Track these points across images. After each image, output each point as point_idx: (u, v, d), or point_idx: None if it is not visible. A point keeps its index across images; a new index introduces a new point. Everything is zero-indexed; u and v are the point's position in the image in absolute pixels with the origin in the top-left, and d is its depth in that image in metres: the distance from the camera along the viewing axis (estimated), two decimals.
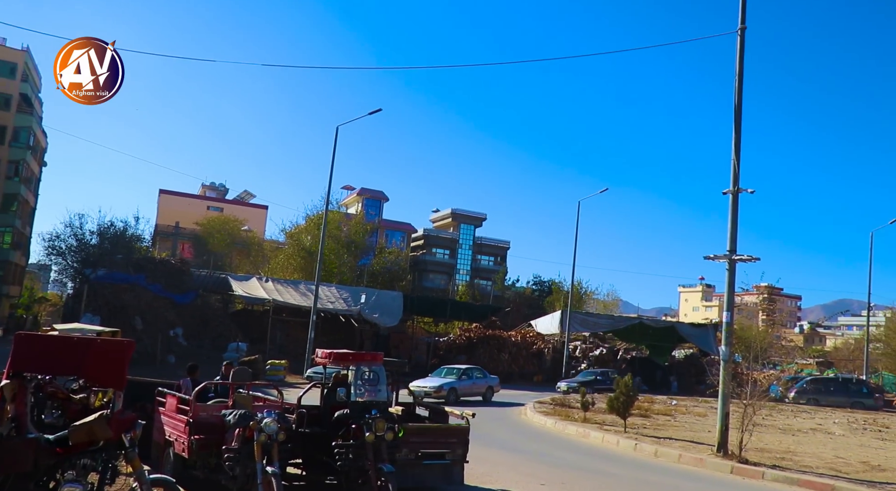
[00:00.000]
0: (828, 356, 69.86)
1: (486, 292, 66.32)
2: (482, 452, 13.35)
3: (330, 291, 39.29)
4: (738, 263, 15.68)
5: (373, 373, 9.63)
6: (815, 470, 14.10)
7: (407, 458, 9.61)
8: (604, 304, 65.81)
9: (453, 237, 74.35)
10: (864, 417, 32.69)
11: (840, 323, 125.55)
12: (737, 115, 16.01)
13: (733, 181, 15.71)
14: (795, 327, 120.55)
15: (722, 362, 15.67)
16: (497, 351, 41.23)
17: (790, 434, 21.66)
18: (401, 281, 54.91)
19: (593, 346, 47.81)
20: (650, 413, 24.27)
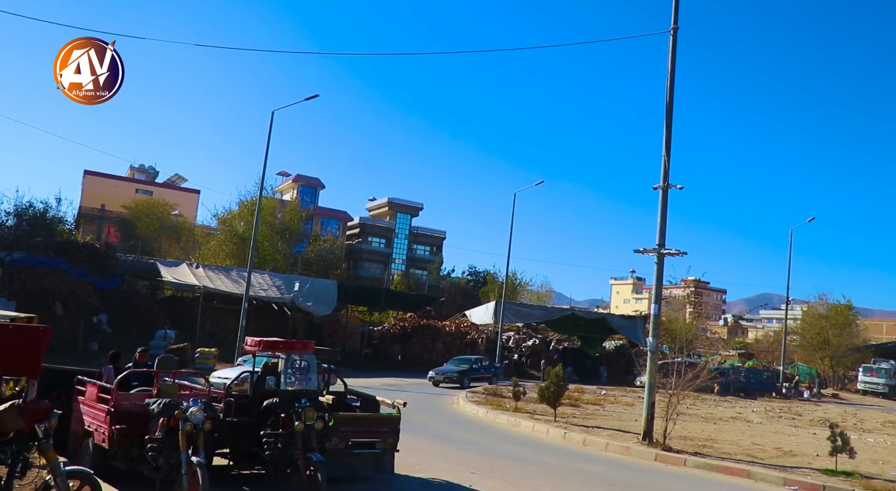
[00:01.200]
0: (749, 348, 72.58)
1: (422, 282, 66.37)
2: (413, 442, 13.36)
3: (263, 279, 38.59)
4: (666, 257, 16.11)
5: (303, 362, 9.50)
6: (734, 456, 14.68)
7: (337, 447, 9.54)
8: (537, 295, 66.70)
9: (389, 226, 74.03)
10: (780, 405, 34.23)
11: (761, 316, 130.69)
12: (668, 113, 16.39)
13: (663, 177, 16.10)
14: (720, 320, 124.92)
15: (649, 353, 16.10)
16: (431, 341, 41.35)
17: (712, 423, 22.46)
18: (336, 269, 54.36)
19: (526, 336, 48.47)
20: (580, 403, 24.76)
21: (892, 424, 27.61)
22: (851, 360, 58.37)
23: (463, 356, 35.38)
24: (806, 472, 13.35)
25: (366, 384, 22.90)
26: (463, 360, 33.49)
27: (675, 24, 16.68)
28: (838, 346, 57.76)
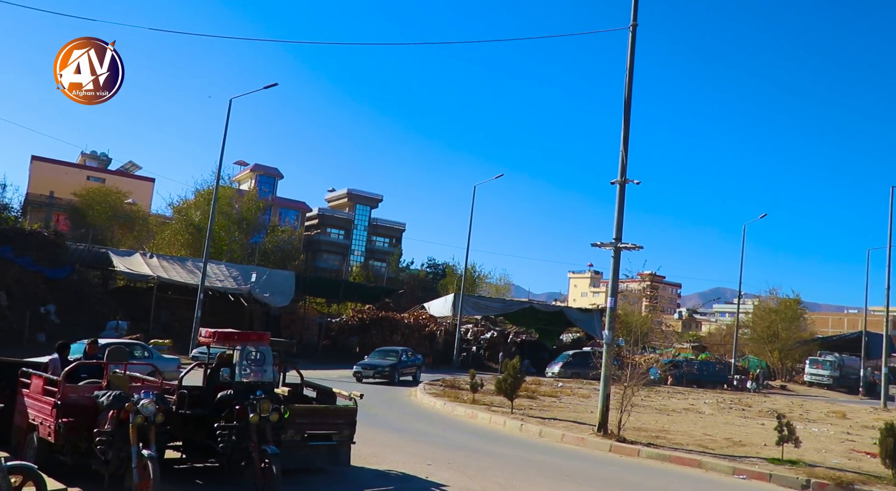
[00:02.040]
0: (702, 341, 74.10)
1: (381, 274, 66.18)
2: (370, 433, 13.31)
3: (219, 269, 38.03)
4: (622, 251, 16.31)
5: (259, 353, 9.37)
6: (686, 447, 14.98)
7: (293, 439, 9.43)
8: (496, 288, 67.06)
9: (349, 217, 73.61)
10: (731, 397, 35.05)
11: (715, 310, 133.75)
12: (626, 109, 16.56)
13: (621, 172, 16.28)
14: (675, 313, 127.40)
15: (605, 346, 16.30)
16: (390, 333, 41.27)
17: (665, 414, 22.87)
18: (294, 260, 53.88)
19: (485, 329, 48.70)
20: (537, 395, 24.98)
21: (836, 414, 28.49)
22: (799, 352, 60.06)
23: (387, 347, 32.41)
24: (754, 461, 13.69)
25: (323, 376, 22.79)
26: (389, 351, 30.47)
27: (634, 21, 16.84)
28: (787, 339, 59.39)
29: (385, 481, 9.96)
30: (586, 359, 37.42)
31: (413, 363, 30.87)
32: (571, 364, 38.05)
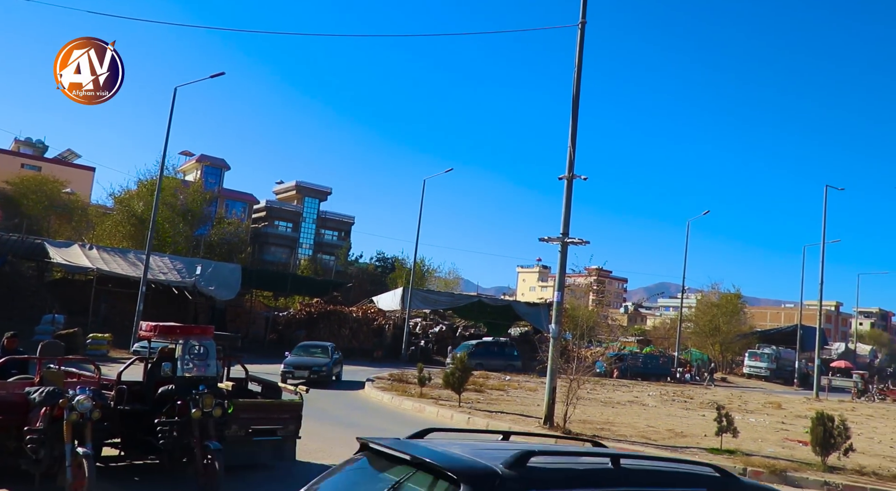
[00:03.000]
0: (647, 335, 75.66)
1: (329, 267, 65.65)
2: (316, 428, 13.20)
3: (163, 262, 37.13)
4: (569, 246, 16.49)
5: (202, 347, 9.17)
6: (629, 438, 15.27)
7: (237, 434, 9.29)
8: (445, 282, 67.21)
9: (297, 210, 72.73)
10: (674, 389, 35.87)
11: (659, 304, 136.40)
12: (574, 106, 16.72)
13: (568, 167, 16.45)
14: (621, 308, 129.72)
15: (552, 340, 16.47)
16: (338, 326, 40.95)
17: (610, 406, 23.27)
18: (240, 253, 52.95)
19: (433, 323, 48.78)
20: (485, 388, 25.12)
21: (772, 404, 29.44)
22: (739, 345, 61.92)
23: (313, 342, 28.72)
24: (694, 451, 14.04)
25: (270, 371, 22.43)
26: (316, 347, 26.66)
27: (583, 19, 17.01)
28: (727, 332, 61.15)
29: None
30: (491, 349, 37.30)
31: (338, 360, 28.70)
32: (475, 354, 35.68)
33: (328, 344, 27.30)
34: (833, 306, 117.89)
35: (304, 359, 24.37)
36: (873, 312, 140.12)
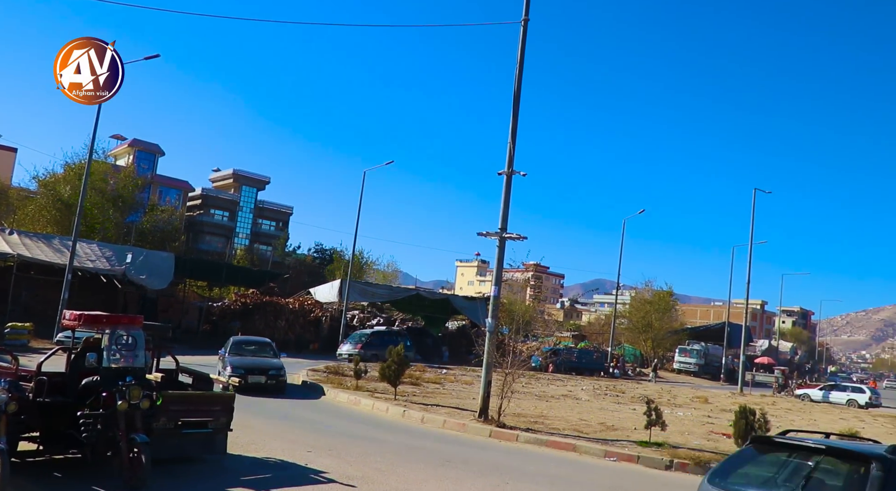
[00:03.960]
0: (582, 330, 77.09)
1: (266, 258, 64.62)
2: (249, 420, 13.00)
3: (90, 249, 35.84)
4: (507, 241, 16.63)
5: (130, 337, 8.89)
6: (562, 431, 15.54)
7: (165, 427, 9.04)
8: (384, 274, 66.94)
9: (234, 199, 71.27)
10: (607, 384, 36.67)
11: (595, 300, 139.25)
12: (515, 102, 16.84)
13: (508, 163, 16.57)
14: (557, 303, 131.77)
15: (487, 334, 16.60)
16: (274, 318, 40.34)
17: (544, 400, 23.63)
18: (174, 241, 51.54)
19: (371, 315, 48.57)
20: (421, 381, 25.17)
21: (699, 399, 30.43)
22: (670, 341, 63.68)
23: (248, 337, 24.18)
24: (624, 444, 14.39)
25: (202, 362, 21.94)
26: (253, 343, 22.45)
27: (525, 16, 17.12)
28: (659, 329, 62.80)
29: (263, 469, 9.73)
30: (385, 339, 34.17)
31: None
32: (370, 345, 33.22)
33: (265, 339, 23.39)
34: (759, 305, 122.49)
35: (255, 360, 20.27)
36: (795, 310, 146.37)
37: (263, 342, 22.56)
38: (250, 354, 21.00)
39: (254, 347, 21.66)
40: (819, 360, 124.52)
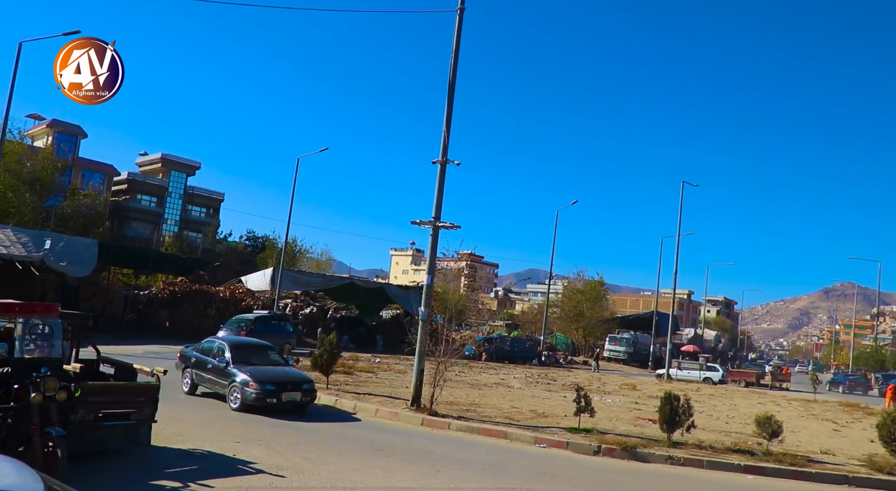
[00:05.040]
0: (515, 319, 78.08)
1: (196, 245, 63.01)
2: (176, 412, 12.68)
3: (4, 234, 34.09)
4: (441, 230, 16.64)
5: (46, 326, 8.51)
6: (494, 419, 15.69)
7: (84, 420, 8.70)
8: (317, 263, 66.20)
9: (162, 184, 69.15)
10: (539, 372, 37.24)
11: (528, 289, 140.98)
12: (450, 90, 16.81)
13: (442, 152, 16.55)
14: (491, 292, 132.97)
15: (420, 322, 16.60)
16: (203, 307, 39.40)
17: (477, 388, 23.82)
18: (97, 227, 49.60)
19: (304, 304, 47.98)
20: (354, 370, 25.02)
21: (628, 386, 31.25)
22: (601, 330, 65.11)
23: (241, 338, 20.09)
24: (554, 430, 14.65)
25: (127, 352, 21.37)
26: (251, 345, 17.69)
27: (461, 5, 17.10)
28: (591, 318, 64.18)
29: (188, 461, 9.50)
30: (272, 324, 31.06)
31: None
32: (254, 332, 28.53)
33: (262, 341, 18.76)
34: (686, 295, 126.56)
35: (278, 371, 15.73)
36: (719, 300, 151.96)
37: (264, 345, 17.89)
38: (259, 361, 16.21)
39: (260, 352, 16.95)
40: (741, 347, 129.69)
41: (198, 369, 16.34)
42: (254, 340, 19.38)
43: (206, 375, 16.03)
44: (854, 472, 12.77)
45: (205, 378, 16.07)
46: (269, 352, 17.11)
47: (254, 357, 16.25)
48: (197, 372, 16.37)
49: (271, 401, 14.46)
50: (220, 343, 16.55)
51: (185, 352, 17.49)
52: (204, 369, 16.13)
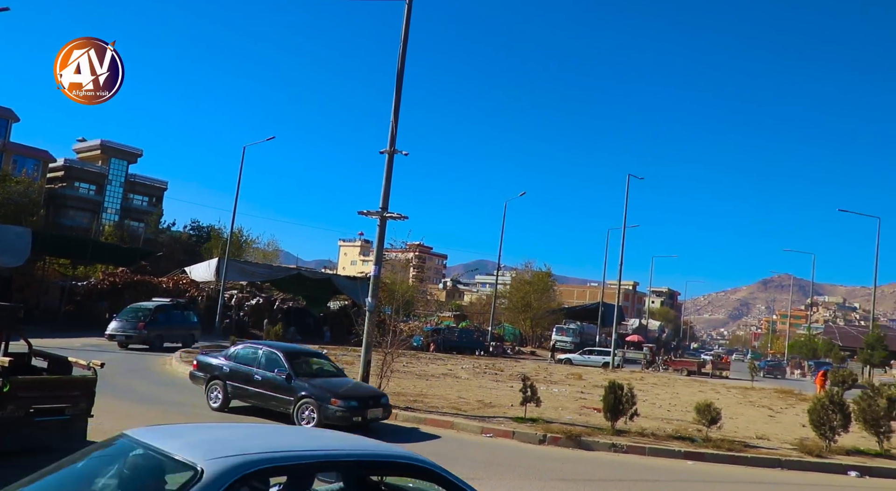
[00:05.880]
0: (464, 310, 78.42)
1: (138, 235, 61.36)
2: (114, 406, 12.33)
3: None
4: (389, 220, 16.56)
5: None
6: (441, 409, 15.73)
7: (14, 415, 8.40)
8: (264, 253, 65.24)
9: (102, 171, 66.99)
10: (486, 362, 37.50)
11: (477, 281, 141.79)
12: (398, 80, 16.70)
13: (390, 142, 16.45)
14: (440, 283, 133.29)
15: (367, 313, 16.50)
16: (145, 298, 38.33)
17: (425, 379, 23.85)
18: (31, 215, 47.84)
19: (250, 295, 47.25)
20: None
21: (574, 375, 31.72)
22: (548, 321, 65.90)
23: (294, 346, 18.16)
24: (501, 420, 14.76)
25: (64, 345, 20.66)
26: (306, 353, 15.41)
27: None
28: (538, 308, 64.86)
29: None
30: (174, 314, 29.05)
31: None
32: (155, 323, 27.29)
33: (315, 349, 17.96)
34: (631, 286, 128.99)
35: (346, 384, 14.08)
36: (663, 291, 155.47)
37: (315, 351, 16.47)
38: (317, 370, 14.34)
39: (315, 359, 15.06)
40: (684, 337, 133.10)
41: (236, 381, 13.99)
42: (307, 347, 17.42)
43: (251, 388, 13.74)
44: (786, 455, 13.23)
45: (250, 392, 13.78)
46: (321, 358, 15.21)
47: (309, 366, 14.30)
48: (235, 384, 13.99)
49: (357, 419, 12.68)
50: (267, 351, 14.19)
51: (207, 361, 15.02)
52: (248, 382, 13.79)
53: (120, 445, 3.65)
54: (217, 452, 3.29)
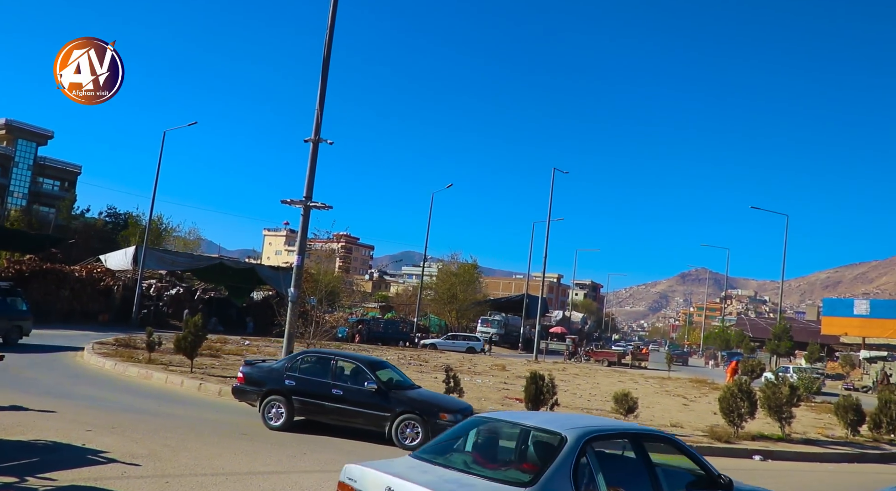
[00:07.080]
0: (390, 301, 78.24)
1: (48, 221, 58.59)
2: (17, 400, 11.77)
3: None
4: (313, 210, 16.35)
5: None
6: None
7: None
8: (184, 242, 63.34)
9: (7, 153, 63.57)
10: (412, 353, 37.57)
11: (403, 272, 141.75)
12: (324, 68, 16.49)
13: (315, 130, 16.23)
14: (366, 274, 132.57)
15: (290, 304, 16.29)
16: (56, 287, 36.76)
17: None
18: None
19: (170, 285, 45.88)
20: (221, 353, 24.21)
21: (498, 366, 32.14)
22: (473, 312, 66.48)
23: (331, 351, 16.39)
24: None
25: None
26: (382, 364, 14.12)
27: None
28: (464, 300, 65.30)
29: (29, 453, 8.79)
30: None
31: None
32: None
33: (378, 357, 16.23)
34: (555, 278, 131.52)
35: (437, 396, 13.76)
36: (587, 284, 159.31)
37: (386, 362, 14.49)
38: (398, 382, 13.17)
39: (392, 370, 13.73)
40: (606, 329, 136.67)
41: (306, 397, 12.38)
42: (382, 359, 15.10)
43: (329, 403, 12.21)
44: (698, 442, 13.76)
45: (328, 408, 12.23)
46: (391, 369, 13.68)
47: (389, 377, 12.91)
48: (305, 400, 12.36)
49: None
50: (345, 362, 12.92)
51: (259, 375, 13.00)
52: (324, 397, 12.26)
53: (478, 421, 6.07)
54: (567, 425, 5.33)
